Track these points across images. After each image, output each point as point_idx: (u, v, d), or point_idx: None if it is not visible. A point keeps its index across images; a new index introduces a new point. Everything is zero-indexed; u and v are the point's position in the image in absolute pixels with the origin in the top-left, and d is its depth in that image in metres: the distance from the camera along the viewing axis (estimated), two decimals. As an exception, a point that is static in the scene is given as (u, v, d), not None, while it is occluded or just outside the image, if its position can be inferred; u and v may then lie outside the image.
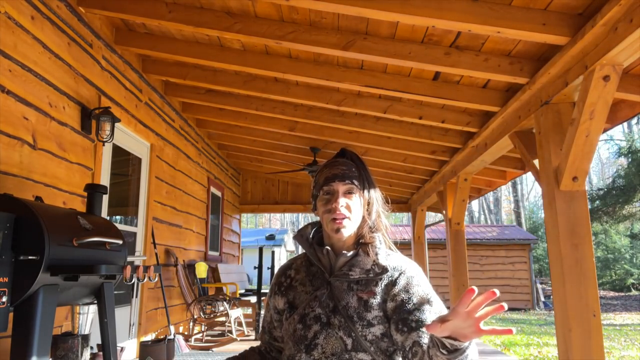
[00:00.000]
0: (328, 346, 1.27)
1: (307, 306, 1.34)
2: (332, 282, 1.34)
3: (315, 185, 1.43)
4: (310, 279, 1.39)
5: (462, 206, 6.10)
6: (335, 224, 1.33)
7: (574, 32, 2.77)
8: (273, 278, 1.53)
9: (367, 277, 1.32)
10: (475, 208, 34.41)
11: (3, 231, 1.99)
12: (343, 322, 1.27)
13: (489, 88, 4.02)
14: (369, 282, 1.32)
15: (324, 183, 1.37)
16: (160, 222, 5.06)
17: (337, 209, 1.33)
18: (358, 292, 1.31)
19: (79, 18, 3.43)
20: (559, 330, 3.13)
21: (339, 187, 1.35)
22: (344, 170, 1.37)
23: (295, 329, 1.32)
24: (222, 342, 5.35)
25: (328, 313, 1.30)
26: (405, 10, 2.85)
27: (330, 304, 1.31)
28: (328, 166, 1.41)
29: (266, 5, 3.30)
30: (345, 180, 1.35)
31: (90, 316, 2.95)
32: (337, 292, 1.32)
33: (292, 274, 1.46)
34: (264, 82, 4.65)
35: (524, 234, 15.57)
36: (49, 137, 3.04)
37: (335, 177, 1.36)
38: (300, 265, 1.46)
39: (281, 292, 1.45)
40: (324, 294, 1.33)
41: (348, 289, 1.32)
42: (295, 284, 1.43)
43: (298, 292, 1.39)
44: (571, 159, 2.99)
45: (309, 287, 1.38)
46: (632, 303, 15.72)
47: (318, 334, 1.28)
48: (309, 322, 1.31)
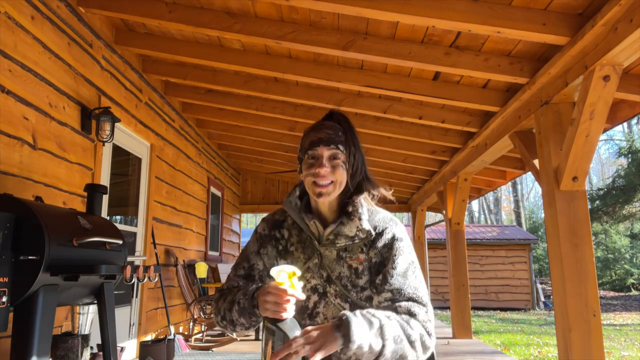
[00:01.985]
0: (329, 312, 1.36)
1: (302, 278, 1.34)
2: (321, 251, 1.37)
3: (300, 148, 1.40)
4: (302, 245, 1.41)
5: (462, 206, 6.10)
6: (317, 189, 1.32)
7: (574, 32, 2.78)
8: (260, 226, 1.49)
9: (353, 242, 1.36)
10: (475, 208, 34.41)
11: (3, 231, 1.99)
12: (339, 291, 1.35)
13: (489, 88, 4.02)
14: (355, 248, 1.36)
15: (308, 147, 1.35)
16: (160, 222, 5.06)
17: (320, 174, 1.31)
18: (347, 259, 1.36)
19: (79, 18, 3.43)
20: (559, 330, 3.13)
21: (324, 151, 1.33)
22: (330, 135, 1.34)
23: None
24: (222, 342, 5.35)
25: (323, 283, 1.37)
26: (405, 10, 2.85)
27: (324, 274, 1.37)
28: (314, 129, 1.38)
29: (266, 5, 3.30)
30: (330, 145, 1.33)
31: (90, 316, 2.95)
32: (328, 262, 1.37)
33: (286, 235, 1.45)
34: (264, 82, 4.65)
35: (524, 234, 15.57)
36: (49, 137, 3.04)
37: (321, 141, 1.33)
38: (292, 227, 1.45)
39: (279, 251, 1.45)
40: (316, 264, 1.38)
41: (338, 258, 1.37)
42: (291, 248, 1.43)
43: (295, 257, 1.42)
44: (571, 159, 2.99)
45: (301, 254, 1.41)
46: (632, 303, 15.72)
47: (317, 304, 1.37)
48: (307, 293, 1.37)
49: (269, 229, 1.47)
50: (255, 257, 1.45)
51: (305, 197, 1.44)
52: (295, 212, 1.41)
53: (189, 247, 6.13)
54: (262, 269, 1.44)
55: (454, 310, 6.18)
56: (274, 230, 1.47)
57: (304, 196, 1.44)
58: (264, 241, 1.46)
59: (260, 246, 1.46)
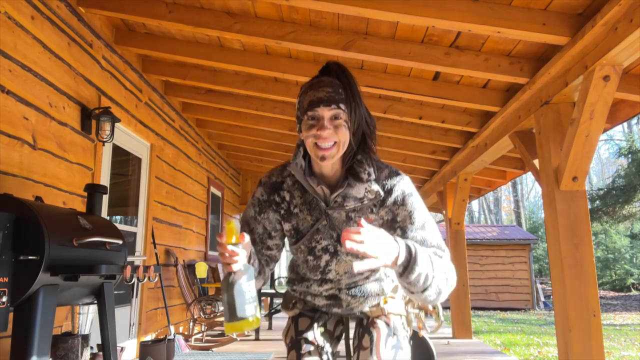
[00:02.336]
0: (340, 269, 1.42)
1: (312, 239, 1.39)
2: (329, 213, 1.36)
3: (298, 107, 1.34)
4: (308, 207, 1.39)
5: (462, 206, 6.10)
6: (320, 152, 1.28)
7: (574, 32, 2.78)
8: (258, 191, 1.45)
9: (362, 204, 1.35)
10: (475, 208, 34.41)
11: (3, 231, 1.99)
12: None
13: (489, 88, 4.02)
14: (364, 209, 1.36)
15: (308, 107, 1.28)
16: (160, 222, 5.06)
17: (323, 136, 1.26)
18: (356, 219, 1.35)
19: (79, 18, 3.42)
20: (559, 330, 3.13)
21: (324, 112, 1.26)
22: (330, 94, 1.27)
23: (307, 260, 1.43)
24: (222, 342, 5.35)
25: (334, 243, 1.39)
26: (405, 10, 2.85)
27: (334, 234, 1.38)
28: (313, 87, 1.30)
29: (266, 5, 3.30)
30: (331, 105, 1.26)
31: (90, 316, 2.95)
32: (337, 223, 1.37)
33: (287, 197, 1.41)
34: (264, 82, 4.65)
35: (524, 234, 15.57)
36: (49, 137, 3.04)
37: (321, 101, 1.26)
38: (293, 188, 1.41)
39: (281, 215, 1.42)
40: (325, 226, 1.37)
41: (347, 218, 1.36)
42: (294, 210, 1.41)
43: (300, 219, 1.40)
44: (571, 159, 2.99)
45: (308, 216, 1.39)
46: (632, 303, 15.72)
47: (329, 262, 1.41)
48: (318, 253, 1.40)
49: (267, 194, 1.44)
50: (253, 222, 1.44)
51: (308, 156, 1.38)
52: (301, 174, 1.36)
53: (189, 247, 6.13)
54: (262, 233, 1.44)
55: (454, 310, 6.18)
56: (273, 194, 1.43)
57: (307, 156, 1.38)
58: (263, 206, 1.43)
59: (259, 211, 1.44)
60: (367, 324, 1.44)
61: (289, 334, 1.52)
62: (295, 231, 1.42)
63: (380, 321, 1.44)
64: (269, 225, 1.44)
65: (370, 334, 1.40)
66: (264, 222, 1.44)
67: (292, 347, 1.48)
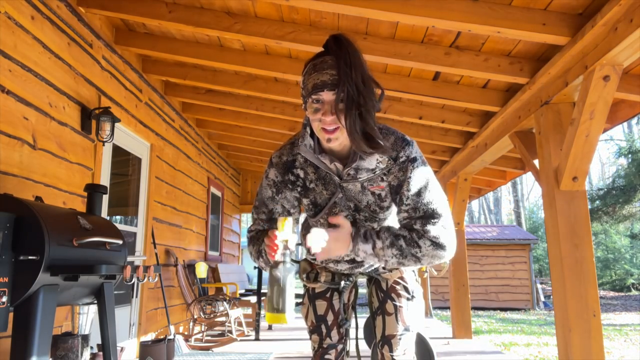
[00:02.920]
0: None
1: (330, 212, 1.48)
2: (344, 185, 1.44)
3: (303, 86, 1.35)
4: (323, 182, 1.46)
5: (462, 206, 6.10)
6: (326, 134, 1.32)
7: (574, 32, 2.78)
8: (272, 172, 1.51)
9: (374, 174, 1.42)
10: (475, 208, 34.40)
11: (3, 231, 1.99)
12: (368, 216, 1.47)
13: (489, 88, 4.02)
14: (376, 177, 1.43)
15: (312, 90, 1.29)
16: (160, 222, 5.06)
17: (327, 121, 1.29)
18: (370, 188, 1.44)
19: (79, 18, 3.42)
20: (559, 330, 3.13)
21: (327, 96, 1.27)
22: (333, 76, 1.27)
23: (330, 226, 1.46)
24: (222, 342, 5.35)
25: (352, 213, 1.48)
26: (405, 10, 2.85)
27: (351, 205, 1.46)
28: (316, 69, 1.31)
29: (266, 5, 3.30)
30: (335, 90, 1.26)
31: (90, 316, 2.95)
32: (352, 194, 1.45)
33: (302, 175, 1.49)
34: (264, 82, 4.65)
35: (524, 234, 15.57)
36: (49, 137, 3.04)
37: (324, 85, 1.27)
38: (305, 165, 1.47)
39: (299, 192, 1.51)
40: (341, 198, 1.46)
41: (362, 189, 1.44)
42: (310, 185, 1.48)
43: (317, 192, 1.48)
44: (571, 159, 2.99)
45: (323, 190, 1.47)
46: (632, 303, 15.72)
47: None
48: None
49: (282, 174, 1.50)
50: (271, 203, 1.52)
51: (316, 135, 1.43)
52: (311, 154, 1.41)
53: (189, 247, 6.13)
54: (281, 212, 1.53)
55: (454, 310, 6.18)
56: (287, 174, 1.49)
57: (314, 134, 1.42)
58: (279, 187, 1.51)
59: (276, 192, 1.51)
60: (387, 290, 1.59)
61: (309, 317, 1.64)
62: (313, 205, 1.50)
63: (400, 286, 1.58)
64: (287, 203, 1.52)
65: (393, 300, 1.57)
66: (282, 202, 1.51)
67: (314, 331, 1.62)
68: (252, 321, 6.31)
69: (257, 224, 1.56)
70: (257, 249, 1.49)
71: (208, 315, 5.62)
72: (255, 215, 1.57)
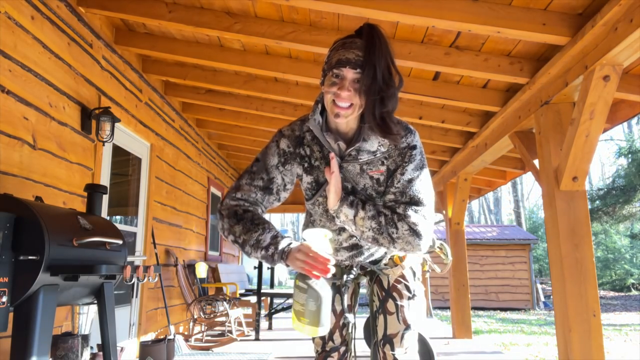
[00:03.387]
0: None
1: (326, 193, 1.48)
2: (344, 166, 1.46)
3: (327, 60, 1.40)
4: (325, 161, 1.49)
5: (462, 206, 6.10)
6: (335, 109, 1.35)
7: (574, 32, 2.78)
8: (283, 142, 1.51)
9: (375, 157, 1.45)
10: (475, 208, 34.41)
11: (3, 231, 1.99)
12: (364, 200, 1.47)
13: (489, 88, 4.02)
14: (376, 161, 1.46)
15: (335, 65, 1.34)
16: (160, 222, 5.06)
17: (342, 96, 1.32)
18: (368, 171, 1.46)
19: (79, 18, 3.42)
20: (559, 330, 3.13)
21: (349, 73, 1.32)
22: (358, 57, 1.31)
23: (327, 210, 1.52)
24: (222, 342, 5.35)
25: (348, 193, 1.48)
26: (405, 10, 2.85)
27: (348, 186, 1.48)
28: (345, 46, 1.35)
29: (266, 5, 3.30)
30: (356, 69, 1.31)
31: (90, 316, 2.95)
32: (351, 176, 1.47)
33: (308, 152, 1.51)
34: (264, 82, 4.65)
35: (524, 234, 15.57)
36: (49, 137, 3.04)
37: (348, 62, 1.31)
38: (312, 143, 1.50)
39: (305, 168, 1.52)
40: (341, 179, 1.46)
41: (361, 171, 1.47)
42: (315, 163, 1.51)
43: (320, 171, 1.51)
44: (571, 159, 2.99)
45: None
46: (632, 303, 15.72)
47: None
48: None
49: (294, 146, 1.51)
50: (275, 171, 1.50)
51: (325, 113, 1.46)
52: (318, 129, 1.44)
53: (189, 247, 6.13)
54: (280, 184, 1.51)
55: (454, 310, 6.18)
56: (299, 147, 1.51)
57: (324, 113, 1.46)
58: (289, 158, 1.51)
59: (284, 162, 1.50)
60: (389, 288, 1.60)
61: None
62: (315, 183, 1.52)
63: (401, 285, 1.60)
64: (288, 178, 1.52)
65: (395, 299, 1.58)
66: (284, 174, 1.51)
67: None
68: (252, 321, 6.31)
69: (247, 191, 1.46)
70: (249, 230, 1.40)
71: (208, 315, 5.62)
72: (246, 181, 1.48)
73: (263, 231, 1.39)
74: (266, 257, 1.38)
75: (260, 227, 1.40)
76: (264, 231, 1.39)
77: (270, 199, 1.50)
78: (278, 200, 1.52)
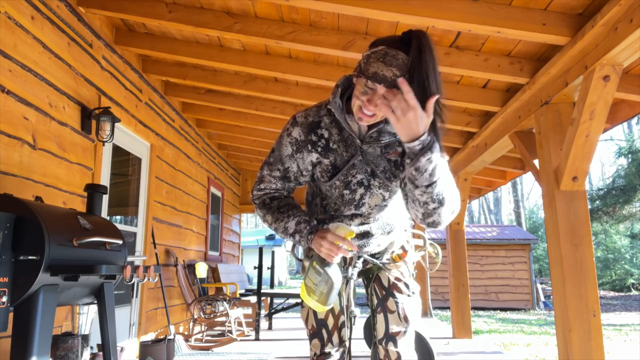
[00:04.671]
0: (372, 201, 1.56)
1: (347, 174, 1.52)
2: (364, 148, 1.49)
3: (363, 65, 1.31)
4: (344, 144, 1.51)
5: (462, 206, 6.10)
6: (360, 114, 1.36)
7: (574, 32, 2.78)
8: (295, 131, 1.52)
9: (395, 138, 1.47)
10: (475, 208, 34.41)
11: (3, 231, 1.99)
12: (382, 183, 1.52)
13: (489, 88, 4.02)
14: (393, 144, 1.49)
15: (371, 76, 1.27)
16: (160, 222, 5.06)
17: (368, 107, 1.32)
18: (386, 154, 1.50)
19: (79, 18, 3.43)
20: (559, 330, 3.13)
21: (381, 90, 1.28)
22: (395, 75, 1.24)
23: (343, 194, 1.55)
24: (222, 342, 5.35)
25: (368, 177, 1.52)
26: (405, 10, 2.85)
27: (368, 169, 1.51)
28: (384, 59, 1.26)
29: (266, 5, 3.30)
30: (391, 88, 1.25)
31: (91, 316, 2.95)
32: (371, 158, 1.50)
33: (326, 135, 1.52)
34: (264, 82, 4.65)
35: (524, 234, 15.56)
36: (49, 137, 3.04)
37: (384, 80, 1.25)
38: (331, 126, 1.52)
39: (318, 152, 1.53)
40: (360, 161, 1.50)
41: (380, 153, 1.50)
42: (333, 146, 1.52)
43: (338, 154, 1.52)
44: (571, 159, 2.99)
45: (344, 152, 1.51)
46: (632, 303, 15.72)
47: (364, 196, 1.54)
48: (354, 187, 1.53)
49: (305, 134, 1.53)
50: (289, 160, 1.55)
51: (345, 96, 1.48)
52: (340, 112, 1.45)
53: (189, 247, 6.13)
54: (296, 171, 1.56)
55: (454, 310, 6.18)
56: (310, 134, 1.52)
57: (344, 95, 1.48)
58: (300, 146, 1.53)
59: (296, 150, 1.53)
60: (389, 287, 1.63)
61: (310, 321, 1.66)
62: (332, 166, 1.53)
63: (401, 283, 1.64)
64: (302, 164, 1.55)
65: (395, 297, 1.61)
66: (298, 161, 1.54)
67: (314, 335, 1.65)
68: (252, 321, 6.31)
69: (268, 182, 1.57)
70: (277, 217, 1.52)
71: (208, 315, 5.62)
72: (267, 172, 1.57)
73: (288, 218, 1.50)
74: (295, 242, 1.52)
75: (285, 214, 1.51)
76: (288, 218, 1.50)
77: (291, 185, 1.59)
78: (299, 184, 1.60)
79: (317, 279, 1.42)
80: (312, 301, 1.43)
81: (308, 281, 1.45)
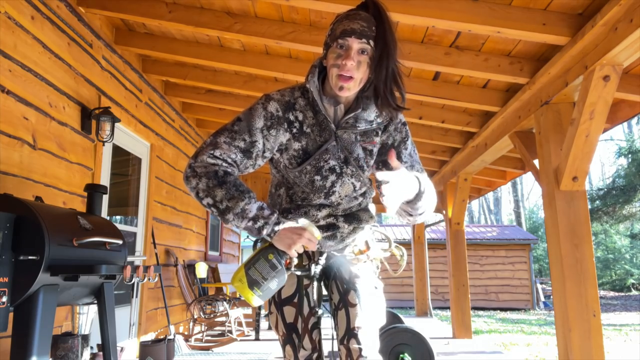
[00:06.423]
0: (343, 191, 1.48)
1: (320, 159, 1.44)
2: (339, 134, 1.44)
3: (330, 34, 1.37)
4: (318, 128, 1.44)
5: (462, 206, 6.10)
6: (340, 81, 1.33)
7: (574, 32, 2.78)
8: (272, 105, 1.41)
9: (371, 127, 1.46)
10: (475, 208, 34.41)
11: (3, 231, 1.99)
12: (354, 171, 1.47)
13: (489, 88, 4.02)
14: (371, 132, 1.47)
15: (340, 35, 1.32)
16: (160, 222, 5.06)
17: (347, 67, 1.30)
18: (361, 142, 1.47)
19: (79, 18, 3.42)
20: (559, 330, 3.13)
21: (354, 44, 1.30)
22: (364, 27, 1.31)
23: (314, 180, 1.45)
24: (222, 342, 5.35)
25: (341, 164, 1.45)
26: (405, 10, 2.85)
27: (342, 155, 1.45)
28: (348, 17, 1.35)
29: (266, 5, 3.30)
30: (362, 39, 1.30)
31: (91, 316, 2.95)
32: (345, 144, 1.45)
33: (300, 117, 1.44)
34: (264, 82, 4.65)
35: (524, 234, 15.57)
36: (49, 137, 3.04)
37: (353, 32, 1.30)
38: (305, 108, 1.44)
39: (292, 134, 1.43)
40: (334, 146, 1.44)
41: (355, 140, 1.46)
42: (307, 130, 1.44)
43: (311, 138, 1.44)
44: (571, 159, 2.99)
45: (317, 136, 1.44)
46: (632, 303, 15.72)
47: (335, 183, 1.46)
48: (325, 173, 1.44)
49: (283, 110, 1.41)
50: (259, 134, 1.38)
51: (321, 78, 1.44)
52: (317, 93, 1.41)
53: (189, 247, 6.13)
54: (260, 149, 1.39)
55: (454, 310, 6.18)
56: (288, 112, 1.42)
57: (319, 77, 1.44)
58: (275, 122, 1.40)
59: (270, 126, 1.39)
60: (349, 279, 1.50)
61: (279, 327, 1.52)
62: (303, 151, 1.44)
63: (363, 277, 1.53)
64: (270, 144, 1.40)
65: (356, 290, 1.48)
66: (268, 139, 1.40)
67: (286, 342, 1.50)
68: (252, 321, 6.31)
69: (227, 150, 1.35)
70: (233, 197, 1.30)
71: (208, 315, 5.62)
72: (226, 139, 1.36)
73: (249, 200, 1.31)
74: (250, 229, 1.32)
75: (246, 195, 1.31)
76: (250, 200, 1.31)
77: (247, 164, 1.39)
78: (253, 167, 1.41)
79: (268, 273, 1.29)
80: (253, 296, 1.28)
81: (254, 273, 1.29)
